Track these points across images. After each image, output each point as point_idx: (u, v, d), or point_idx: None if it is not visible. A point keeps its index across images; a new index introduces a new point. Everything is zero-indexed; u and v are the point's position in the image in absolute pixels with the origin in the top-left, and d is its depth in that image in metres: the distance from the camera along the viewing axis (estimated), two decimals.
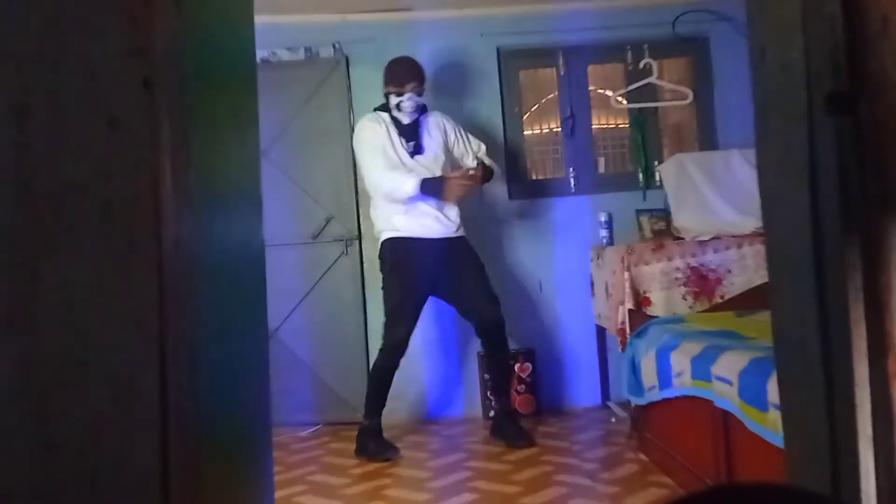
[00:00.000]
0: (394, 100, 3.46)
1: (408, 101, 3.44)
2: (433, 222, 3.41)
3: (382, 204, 3.43)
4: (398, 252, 3.41)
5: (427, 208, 3.39)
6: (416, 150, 3.47)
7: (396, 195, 3.35)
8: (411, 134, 3.48)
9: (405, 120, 3.46)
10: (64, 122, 0.95)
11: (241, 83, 1.41)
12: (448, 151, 3.57)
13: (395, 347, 3.34)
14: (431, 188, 3.32)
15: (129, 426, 0.95)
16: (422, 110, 3.53)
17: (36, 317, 0.92)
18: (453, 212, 3.46)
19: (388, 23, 4.09)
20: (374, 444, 3.34)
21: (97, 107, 0.96)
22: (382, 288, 3.46)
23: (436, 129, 3.55)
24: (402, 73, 3.48)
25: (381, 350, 3.39)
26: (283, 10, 3.95)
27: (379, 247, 3.49)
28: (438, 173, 3.43)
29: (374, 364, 3.44)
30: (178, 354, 0.99)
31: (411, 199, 3.34)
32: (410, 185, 3.30)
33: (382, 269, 3.47)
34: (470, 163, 3.58)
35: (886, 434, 1.00)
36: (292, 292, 4.00)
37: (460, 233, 3.49)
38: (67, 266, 0.94)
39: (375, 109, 3.56)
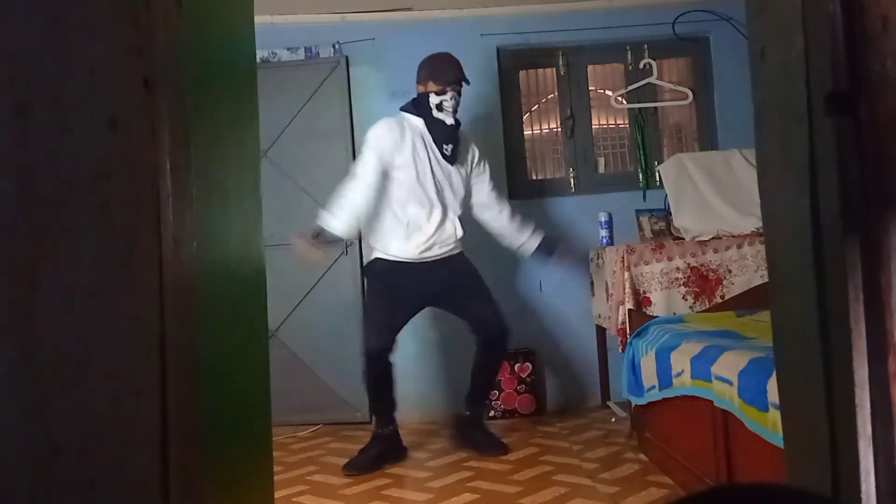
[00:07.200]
0: (434, 99, 3.23)
1: (451, 101, 3.23)
2: (432, 247, 3.27)
3: (388, 225, 3.27)
4: (388, 272, 3.27)
5: (429, 234, 3.24)
6: (453, 158, 3.27)
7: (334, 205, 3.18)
8: (451, 136, 3.26)
9: (448, 120, 3.24)
10: (64, 122, 0.95)
11: (241, 83, 1.42)
12: (469, 174, 3.39)
13: (379, 356, 3.15)
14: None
15: (129, 426, 0.95)
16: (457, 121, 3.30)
17: (36, 317, 0.92)
18: (454, 229, 3.30)
19: (388, 23, 4.10)
20: (374, 452, 3.21)
21: (97, 107, 0.96)
22: (367, 296, 3.41)
23: (465, 147, 3.37)
24: (447, 71, 3.25)
25: (367, 357, 3.18)
26: (283, 10, 3.95)
27: (369, 261, 3.39)
28: (459, 191, 3.32)
29: (366, 371, 3.20)
30: (178, 354, 0.99)
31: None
32: (333, 223, 3.12)
33: (369, 282, 3.41)
34: (483, 197, 3.42)
35: (886, 434, 1.00)
36: (292, 292, 4.00)
37: (457, 249, 3.36)
38: (67, 266, 0.94)
39: (402, 108, 3.34)
